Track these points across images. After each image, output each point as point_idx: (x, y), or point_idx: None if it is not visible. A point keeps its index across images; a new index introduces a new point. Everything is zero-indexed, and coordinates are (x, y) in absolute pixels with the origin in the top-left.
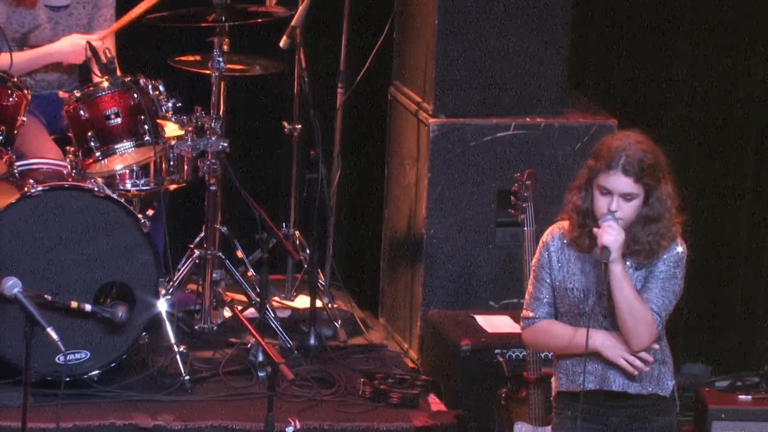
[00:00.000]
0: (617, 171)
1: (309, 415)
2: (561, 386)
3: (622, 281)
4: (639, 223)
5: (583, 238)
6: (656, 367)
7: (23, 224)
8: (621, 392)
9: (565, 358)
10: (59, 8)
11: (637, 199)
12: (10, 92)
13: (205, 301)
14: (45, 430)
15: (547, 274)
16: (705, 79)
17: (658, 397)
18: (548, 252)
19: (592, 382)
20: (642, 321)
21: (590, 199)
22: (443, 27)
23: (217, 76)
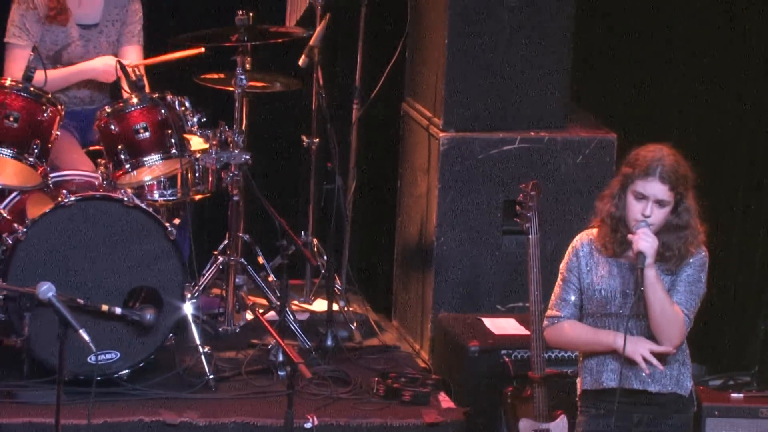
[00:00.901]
0: (655, 178)
1: (326, 412)
2: (585, 385)
3: (656, 285)
4: (669, 231)
5: (614, 244)
6: (676, 368)
7: (57, 232)
8: (642, 390)
9: (590, 357)
10: (90, 26)
11: (668, 206)
12: (45, 108)
13: (229, 304)
14: (77, 426)
15: (575, 277)
16: (701, 94)
17: (677, 396)
18: (577, 257)
19: (613, 381)
20: (673, 322)
21: (623, 206)
22: (452, 47)
23: (240, 93)
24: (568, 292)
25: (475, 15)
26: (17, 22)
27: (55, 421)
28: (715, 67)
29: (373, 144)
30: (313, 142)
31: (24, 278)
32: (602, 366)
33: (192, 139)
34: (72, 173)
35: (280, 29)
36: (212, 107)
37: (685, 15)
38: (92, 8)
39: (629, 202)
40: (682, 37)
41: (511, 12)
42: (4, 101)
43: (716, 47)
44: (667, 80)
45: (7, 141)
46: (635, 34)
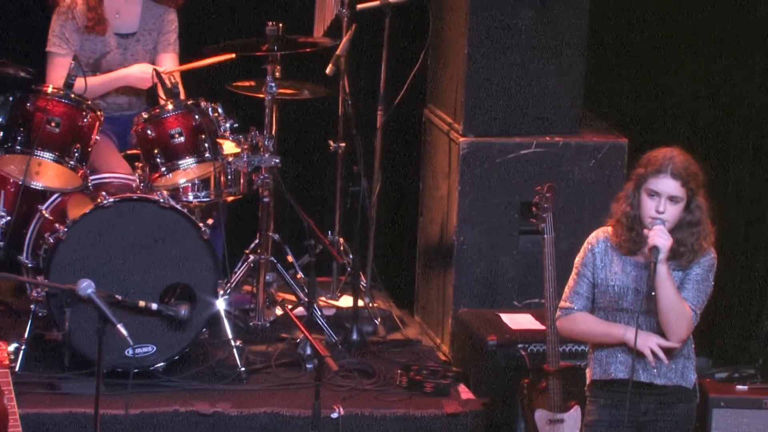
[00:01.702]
0: (666, 175)
1: (351, 403)
2: (595, 375)
3: (667, 281)
4: (683, 228)
5: (629, 242)
6: (681, 362)
7: (96, 232)
8: (648, 383)
9: (600, 349)
10: (127, 35)
11: (681, 203)
12: (85, 114)
13: (259, 300)
14: (115, 416)
15: (589, 272)
16: (708, 100)
17: (682, 388)
18: (593, 253)
19: (622, 372)
20: (681, 317)
21: (638, 205)
22: (472, 56)
23: (270, 100)
24: (581, 285)
25: (494, 26)
26: (57, 32)
27: (95, 411)
28: (723, 74)
29: (397, 148)
30: (339, 146)
31: (65, 275)
32: (611, 358)
33: (224, 143)
34: (110, 176)
35: (308, 39)
36: (244, 113)
37: (694, 24)
38: (129, 18)
39: (643, 200)
40: (690, 46)
41: (528, 24)
42: (46, 107)
43: (724, 54)
44: (675, 88)
45: (49, 145)
46: (645, 44)
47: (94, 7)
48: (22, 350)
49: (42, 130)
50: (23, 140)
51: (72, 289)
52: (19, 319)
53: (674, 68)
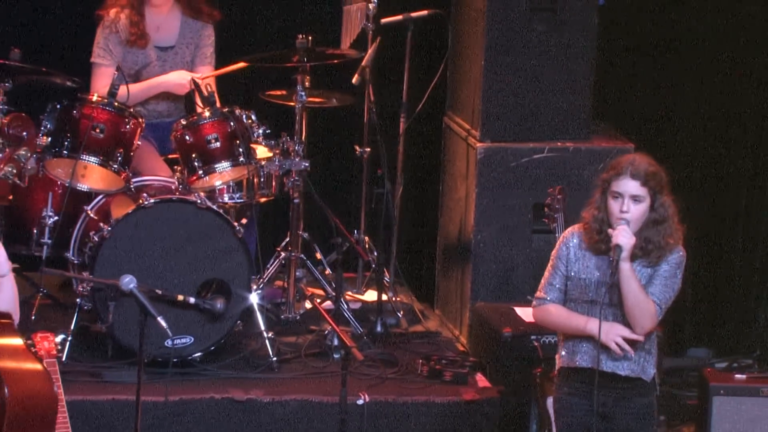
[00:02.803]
0: (626, 176)
1: (376, 391)
2: (563, 362)
3: (630, 277)
4: (649, 227)
5: (599, 243)
6: (642, 356)
7: (138, 231)
8: (611, 373)
9: (568, 338)
10: (167, 48)
11: (644, 202)
12: (127, 120)
13: (290, 294)
14: (155, 403)
15: (563, 265)
16: (708, 108)
17: (641, 381)
18: (567, 247)
19: (586, 361)
20: (645, 310)
21: (605, 208)
22: (489, 67)
23: (300, 108)
24: (555, 277)
25: (509, 39)
26: (102, 44)
27: (136, 398)
28: (725, 82)
29: (418, 153)
30: (364, 151)
31: (108, 271)
32: (577, 347)
33: (258, 148)
34: (151, 178)
35: (335, 51)
36: (275, 120)
37: (697, 34)
38: (169, 32)
39: (609, 203)
40: (693, 56)
41: (541, 37)
42: (91, 114)
43: (726, 63)
44: (679, 96)
45: (94, 150)
46: (650, 55)
47: (136, 23)
48: (68, 341)
49: (87, 135)
50: (70, 145)
51: (115, 284)
52: (65, 312)
53: (678, 77)
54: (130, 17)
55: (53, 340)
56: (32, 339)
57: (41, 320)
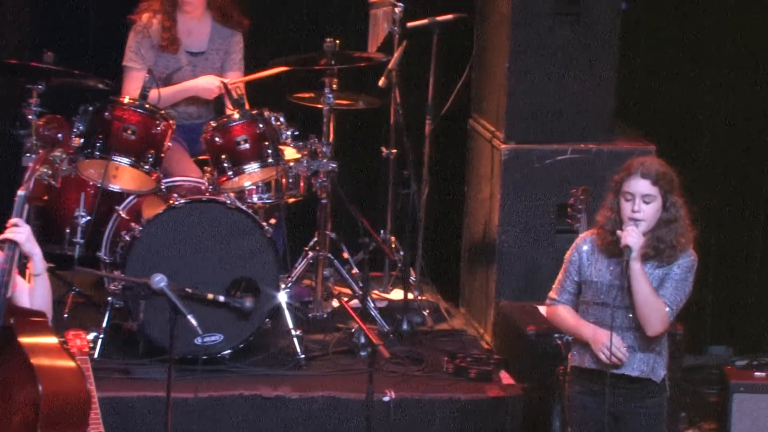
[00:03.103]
0: (637, 176)
1: (402, 387)
2: (574, 361)
3: (640, 277)
4: (661, 226)
5: (612, 245)
6: (653, 357)
7: (169, 230)
8: (620, 374)
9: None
10: (197, 54)
11: (655, 202)
12: (158, 122)
13: (318, 293)
14: (185, 399)
15: (575, 270)
16: (730, 110)
17: (650, 381)
18: (579, 252)
19: (596, 363)
20: (655, 311)
21: (618, 209)
22: (513, 69)
23: (328, 110)
24: (566, 281)
25: (533, 43)
26: (134, 48)
27: (167, 394)
28: (744, 84)
29: (444, 154)
30: (391, 152)
31: (140, 270)
32: (586, 348)
33: (286, 149)
34: (182, 179)
35: (362, 54)
36: (304, 122)
37: (718, 38)
38: (200, 38)
39: (621, 204)
40: (714, 59)
41: (564, 40)
42: (122, 116)
43: (746, 65)
44: (699, 98)
45: (125, 151)
46: (671, 59)
47: (168, 28)
48: (100, 339)
49: (119, 137)
50: (102, 146)
51: (146, 283)
52: (97, 310)
53: (699, 80)
54: (163, 22)
55: (85, 338)
56: (65, 337)
57: (74, 318)
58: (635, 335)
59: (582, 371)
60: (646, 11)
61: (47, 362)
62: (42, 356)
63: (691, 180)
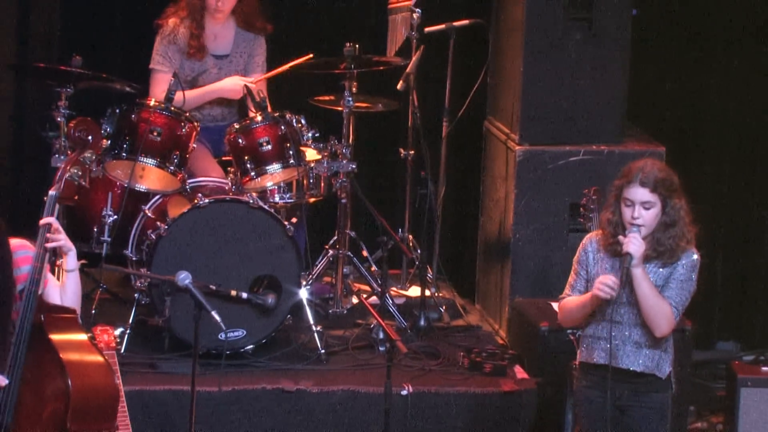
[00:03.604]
0: (636, 184)
1: (419, 382)
2: (582, 357)
3: (642, 281)
4: (660, 229)
5: (615, 245)
6: (658, 354)
7: (193, 229)
8: (626, 369)
9: (586, 335)
10: (222, 57)
11: (654, 207)
12: (183, 124)
13: (338, 290)
14: (209, 392)
15: (583, 269)
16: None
17: (655, 377)
18: (586, 252)
19: (602, 358)
20: (660, 313)
21: (619, 213)
22: (527, 73)
23: (347, 112)
24: (576, 280)
25: (546, 47)
26: (161, 51)
27: (191, 388)
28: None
29: (460, 156)
30: (409, 154)
31: (165, 268)
32: (595, 344)
33: (307, 151)
34: (206, 179)
35: (381, 59)
36: (324, 124)
37: (726, 42)
38: (225, 42)
39: (622, 209)
40: (723, 62)
41: (577, 45)
42: (149, 118)
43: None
44: (708, 101)
45: (151, 152)
46: (681, 63)
47: (197, 35)
48: (126, 334)
49: (145, 138)
50: (128, 148)
51: (171, 280)
52: (124, 306)
53: (708, 83)
54: (191, 29)
55: (112, 333)
56: (92, 332)
57: (101, 314)
58: (642, 331)
59: (590, 366)
60: (656, 17)
61: (76, 357)
62: (71, 351)
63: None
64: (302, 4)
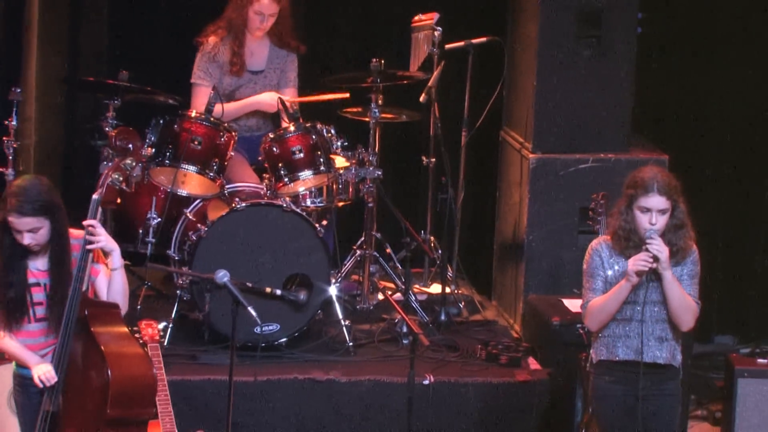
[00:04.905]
0: (654, 193)
1: (440, 372)
2: (601, 356)
3: (674, 284)
4: (671, 231)
5: (628, 249)
6: (674, 345)
7: (231, 231)
8: (652, 363)
9: (605, 335)
10: (257, 72)
11: (668, 212)
12: (222, 134)
13: (364, 287)
14: (246, 382)
15: (601, 271)
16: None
17: (672, 366)
18: (600, 257)
19: (629, 354)
20: (688, 310)
21: (631, 220)
22: (540, 87)
23: (374, 123)
24: (596, 283)
25: (558, 63)
26: (201, 67)
27: (229, 378)
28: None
29: (478, 163)
30: (430, 161)
31: (205, 266)
32: (617, 342)
33: (336, 158)
34: (243, 185)
35: (405, 73)
36: (352, 134)
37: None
38: (260, 58)
39: (637, 216)
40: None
41: (586, 61)
42: (190, 128)
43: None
44: (708, 113)
45: (192, 159)
46: (683, 76)
47: (238, 53)
48: (169, 328)
49: (187, 147)
50: (171, 155)
51: (211, 278)
52: (167, 302)
53: (707, 96)
54: (233, 47)
55: (156, 327)
56: (138, 326)
57: (146, 310)
58: (663, 326)
59: (612, 364)
60: (660, 35)
61: (117, 349)
62: (112, 343)
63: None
64: (333, 24)
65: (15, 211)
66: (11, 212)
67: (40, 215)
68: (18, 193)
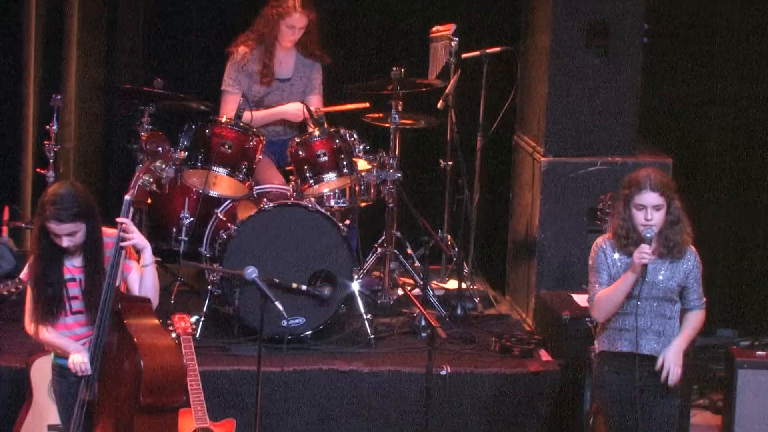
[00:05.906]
0: (647, 190)
1: (456, 363)
2: (603, 347)
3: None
4: (667, 227)
5: (628, 246)
6: (671, 339)
7: (260, 230)
8: (649, 355)
9: (607, 328)
10: (285, 80)
11: (663, 209)
12: (251, 138)
13: (385, 283)
14: (273, 372)
15: (606, 266)
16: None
17: None
18: (604, 253)
19: (626, 346)
20: (701, 324)
21: (630, 218)
22: (551, 93)
23: (394, 128)
24: (602, 276)
25: (568, 71)
26: (231, 75)
27: (257, 368)
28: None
29: (492, 166)
30: (447, 164)
31: (235, 263)
32: (618, 335)
33: (359, 161)
34: (270, 186)
35: (423, 81)
36: (374, 138)
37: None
38: (287, 66)
39: (634, 213)
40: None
41: (595, 69)
42: (221, 133)
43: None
44: (710, 116)
45: (223, 162)
46: (686, 83)
47: (268, 65)
48: (201, 321)
49: (218, 150)
50: (203, 158)
51: (240, 274)
52: (199, 297)
53: (710, 102)
54: (264, 58)
55: (189, 321)
56: (172, 319)
57: (179, 304)
58: (661, 321)
59: (613, 355)
60: (665, 44)
61: (149, 340)
62: (144, 335)
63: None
64: (356, 35)
65: (54, 218)
66: (50, 219)
67: (77, 221)
68: (55, 201)
